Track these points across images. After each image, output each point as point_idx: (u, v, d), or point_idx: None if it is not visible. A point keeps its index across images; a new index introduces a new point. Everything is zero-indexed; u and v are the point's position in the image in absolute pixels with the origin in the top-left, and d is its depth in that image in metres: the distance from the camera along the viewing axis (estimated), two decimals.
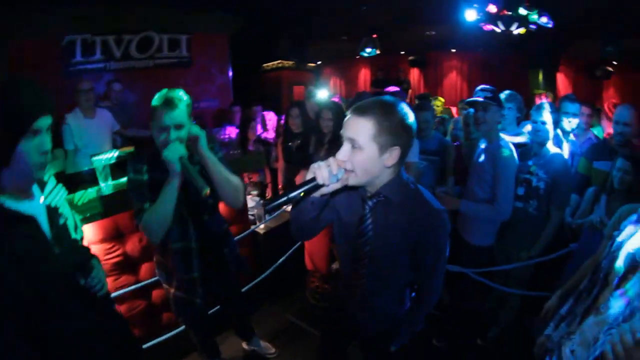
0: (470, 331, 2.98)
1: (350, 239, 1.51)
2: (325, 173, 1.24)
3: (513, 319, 2.89)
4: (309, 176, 1.28)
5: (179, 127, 1.86)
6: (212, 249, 2.23)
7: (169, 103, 1.83)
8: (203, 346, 2.66)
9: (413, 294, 1.65)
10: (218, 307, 2.74)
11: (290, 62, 8.68)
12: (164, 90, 1.91)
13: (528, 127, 2.95)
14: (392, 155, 1.30)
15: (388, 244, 1.43)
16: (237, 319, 2.84)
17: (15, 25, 4.39)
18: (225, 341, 2.96)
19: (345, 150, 1.29)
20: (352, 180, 1.31)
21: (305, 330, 3.17)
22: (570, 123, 3.07)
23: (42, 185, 1.45)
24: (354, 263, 1.54)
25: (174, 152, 1.78)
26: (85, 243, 1.68)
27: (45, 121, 1.28)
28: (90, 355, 1.47)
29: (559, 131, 3.00)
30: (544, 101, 2.77)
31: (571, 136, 3.16)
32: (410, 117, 1.31)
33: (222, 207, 2.37)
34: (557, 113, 2.63)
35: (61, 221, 1.47)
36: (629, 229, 1.35)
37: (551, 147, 2.60)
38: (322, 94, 4.76)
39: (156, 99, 1.87)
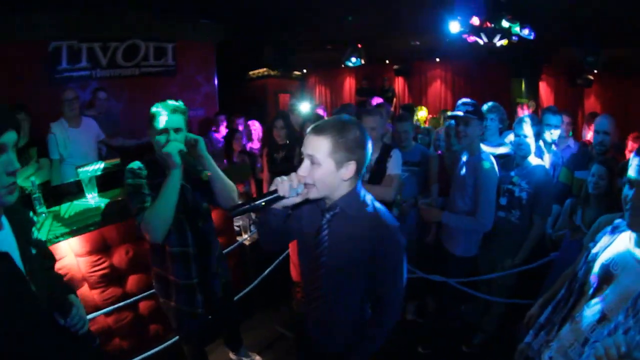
0: (456, 338, 3.02)
1: (308, 250, 1.57)
2: (286, 187, 1.35)
3: (498, 325, 2.95)
4: (271, 188, 1.38)
5: (177, 130, 2.01)
6: (206, 255, 2.26)
7: (168, 108, 1.99)
8: (195, 358, 2.63)
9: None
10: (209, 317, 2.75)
11: (276, 71, 8.71)
12: (165, 101, 2.05)
13: (510, 137, 3.02)
14: (349, 170, 1.39)
15: (343, 256, 1.48)
16: (227, 328, 2.84)
17: (0, 30, 4.35)
18: (213, 352, 2.95)
19: (305, 165, 1.40)
20: (312, 194, 1.41)
21: (293, 340, 3.17)
22: (552, 135, 3.14)
23: (10, 214, 1.31)
24: (311, 274, 1.59)
25: (174, 147, 1.92)
26: (64, 261, 1.60)
27: (10, 136, 1.16)
28: None
29: (540, 142, 3.08)
30: (526, 114, 2.85)
31: (553, 147, 3.24)
32: (365, 134, 1.41)
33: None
34: (539, 125, 2.72)
35: (33, 251, 1.36)
36: (604, 240, 1.39)
37: (533, 159, 2.67)
38: (304, 106, 4.80)
39: (156, 105, 2.02)
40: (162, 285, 2.26)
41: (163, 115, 1.98)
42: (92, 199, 2.73)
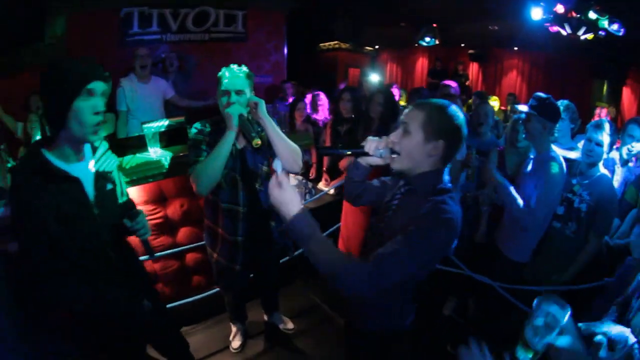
0: (488, 345, 2.92)
1: (379, 213, 1.63)
2: (373, 146, 1.47)
3: None
4: (363, 144, 1.50)
5: (239, 92, 2.11)
6: (259, 217, 2.36)
7: (232, 72, 2.12)
8: (234, 310, 2.84)
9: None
10: (252, 275, 2.85)
11: (347, 44, 8.61)
12: (230, 65, 2.18)
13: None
14: (436, 147, 1.39)
15: (396, 232, 1.35)
16: (266, 290, 2.97)
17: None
18: (250, 309, 3.06)
19: (397, 132, 1.45)
20: (396, 163, 1.45)
21: (327, 313, 3.25)
22: (632, 148, 2.83)
23: (95, 149, 1.62)
24: (370, 240, 1.63)
25: (235, 110, 2.06)
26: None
27: (99, 85, 1.45)
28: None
29: (615, 154, 2.81)
30: (604, 119, 2.56)
31: (630, 163, 2.95)
32: (460, 120, 1.41)
33: None
34: (616, 135, 2.46)
35: (108, 186, 1.64)
36: None
37: (600, 168, 2.44)
38: (374, 77, 4.71)
39: (222, 69, 2.16)
40: (211, 237, 2.43)
41: (226, 77, 2.11)
42: (154, 153, 2.90)
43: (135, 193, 2.68)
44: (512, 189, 2.41)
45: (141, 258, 2.62)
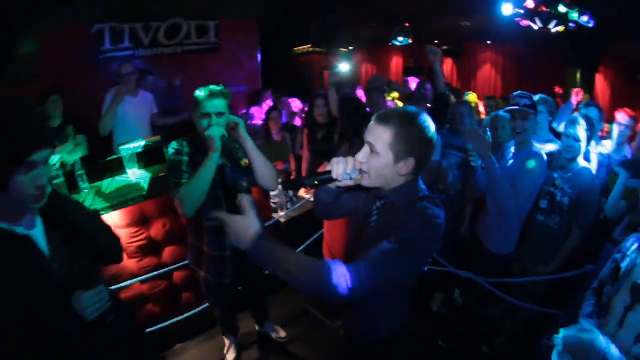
0: (478, 336, 2.97)
1: (356, 231, 1.59)
2: (340, 170, 1.35)
3: (522, 330, 2.85)
4: (328, 168, 1.38)
5: (219, 114, 2.11)
6: None
7: (211, 94, 2.09)
8: (225, 323, 2.84)
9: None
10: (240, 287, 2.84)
11: (321, 47, 8.61)
12: (208, 86, 2.14)
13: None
14: (407, 165, 1.33)
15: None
16: (255, 300, 2.97)
17: (46, 17, 4.43)
18: (242, 320, 3.05)
19: (364, 152, 1.36)
20: (366, 182, 1.38)
21: (319, 319, 3.24)
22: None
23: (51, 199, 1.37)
24: (351, 256, 1.54)
25: (216, 132, 2.05)
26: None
27: (42, 154, 1.24)
28: None
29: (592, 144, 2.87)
30: (577, 116, 2.61)
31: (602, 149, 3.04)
32: (430, 130, 1.34)
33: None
34: (592, 130, 2.52)
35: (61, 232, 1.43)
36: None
37: (580, 161, 2.50)
38: (344, 66, 4.69)
39: (200, 91, 2.13)
40: (195, 256, 2.42)
41: (206, 99, 2.08)
42: (133, 174, 2.85)
43: (116, 217, 2.63)
44: (499, 172, 2.33)
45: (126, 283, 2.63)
